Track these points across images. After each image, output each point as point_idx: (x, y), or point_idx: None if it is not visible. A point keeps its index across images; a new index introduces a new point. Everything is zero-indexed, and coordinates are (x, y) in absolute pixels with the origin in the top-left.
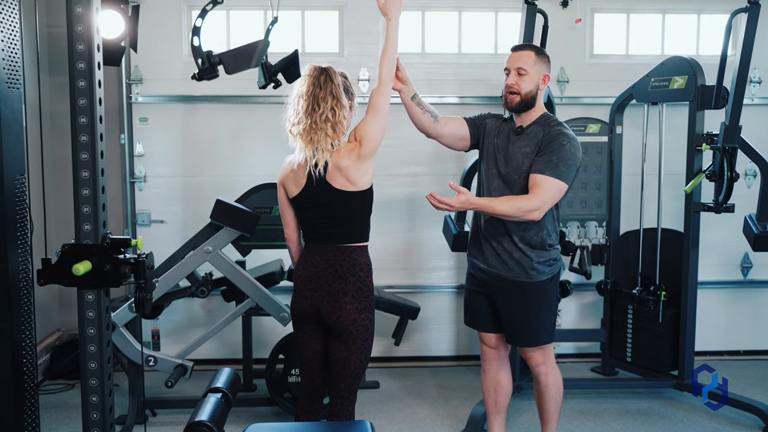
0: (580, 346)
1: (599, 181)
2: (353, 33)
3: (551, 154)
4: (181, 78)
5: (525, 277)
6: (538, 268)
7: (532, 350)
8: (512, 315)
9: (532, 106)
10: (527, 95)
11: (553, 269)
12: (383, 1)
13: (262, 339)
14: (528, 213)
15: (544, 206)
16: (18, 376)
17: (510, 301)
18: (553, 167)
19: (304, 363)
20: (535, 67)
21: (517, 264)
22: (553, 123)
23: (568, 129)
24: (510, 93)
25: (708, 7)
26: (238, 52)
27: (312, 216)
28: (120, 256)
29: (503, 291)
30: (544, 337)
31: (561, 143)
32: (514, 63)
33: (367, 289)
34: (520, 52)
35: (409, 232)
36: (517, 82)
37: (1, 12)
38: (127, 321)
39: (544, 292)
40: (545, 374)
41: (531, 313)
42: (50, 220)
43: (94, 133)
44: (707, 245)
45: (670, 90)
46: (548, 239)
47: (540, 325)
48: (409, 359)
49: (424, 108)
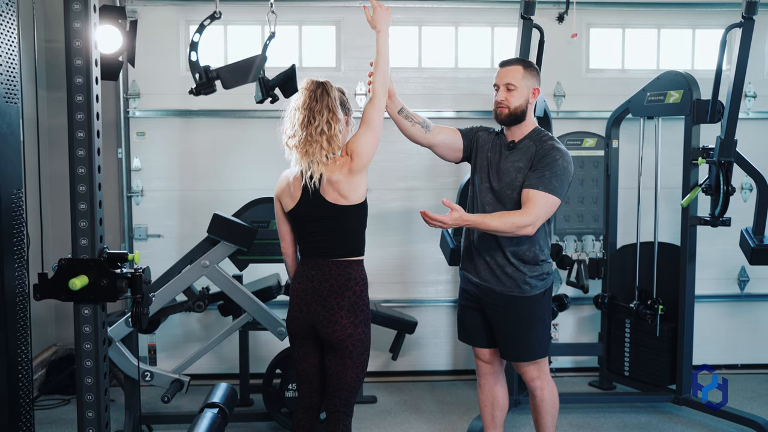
0: (577, 360)
1: (596, 195)
2: (350, 48)
3: (544, 169)
4: (179, 92)
5: (518, 291)
6: (531, 282)
7: (526, 365)
8: (505, 329)
9: (522, 120)
10: (516, 109)
11: (545, 283)
12: (371, 14)
13: (259, 354)
14: (521, 228)
15: (537, 221)
16: (13, 391)
17: (503, 316)
18: (546, 182)
19: (300, 378)
20: (524, 82)
21: (510, 278)
22: (545, 138)
23: (560, 144)
24: (499, 107)
25: (703, 22)
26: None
27: (307, 230)
28: (117, 270)
29: (496, 305)
30: (537, 351)
31: (554, 158)
32: (503, 78)
33: (363, 303)
34: (509, 68)
35: (406, 245)
36: (506, 98)
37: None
38: (123, 336)
39: (537, 306)
40: (540, 388)
41: (524, 328)
42: (47, 235)
43: (92, 148)
44: (704, 259)
45: (665, 104)
46: (540, 254)
47: (533, 340)
48: (406, 374)
49: (413, 120)
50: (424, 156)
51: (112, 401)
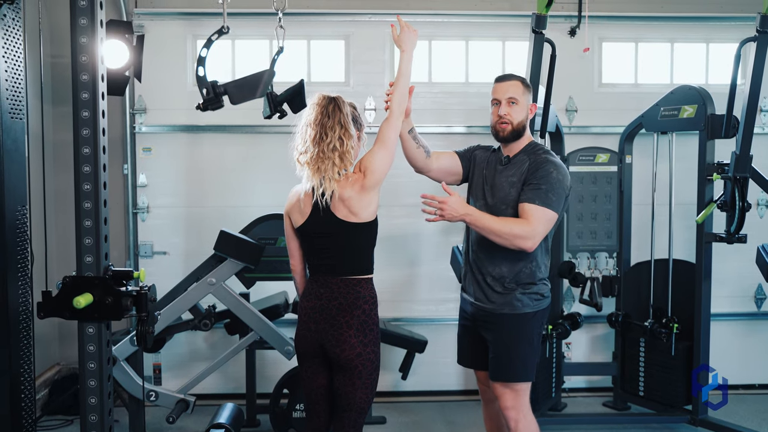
0: (591, 380)
1: (609, 212)
2: (359, 62)
3: (539, 182)
4: (186, 108)
5: (508, 309)
6: (522, 299)
7: (502, 388)
8: (492, 347)
9: (522, 136)
10: (519, 125)
11: (538, 304)
12: (398, 33)
13: (266, 373)
14: (518, 239)
15: (537, 237)
16: (16, 412)
17: (492, 333)
18: (543, 196)
19: (308, 398)
20: (524, 97)
21: (501, 296)
22: (539, 151)
23: (554, 156)
24: (501, 123)
25: (717, 36)
26: (243, 82)
27: (316, 247)
28: (122, 288)
29: (487, 324)
30: (518, 371)
31: (548, 171)
32: (504, 93)
33: (372, 322)
34: (509, 82)
35: (415, 262)
36: (509, 112)
37: (6, 42)
38: (128, 355)
39: (526, 325)
40: (515, 420)
41: (508, 344)
42: (51, 252)
43: (97, 164)
44: (720, 276)
45: (679, 119)
46: (538, 272)
47: (516, 358)
48: (416, 394)
49: (419, 143)
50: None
51: (116, 422)
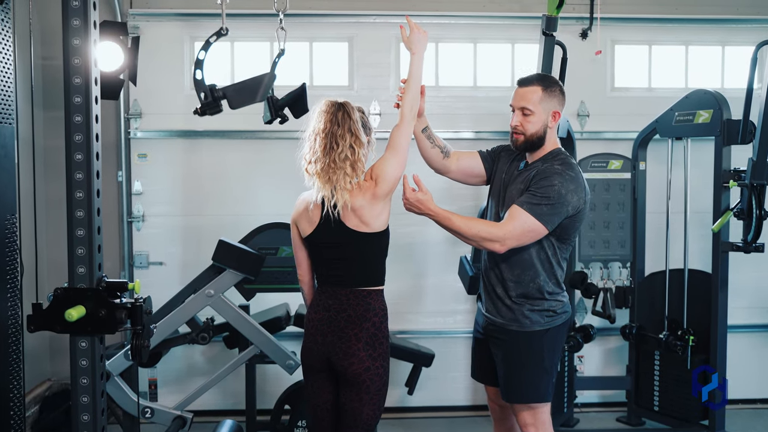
0: (604, 395)
1: (622, 220)
2: (363, 65)
3: (537, 189)
4: (183, 112)
5: (516, 325)
6: (531, 316)
7: (519, 407)
8: (500, 365)
9: (541, 146)
10: (533, 136)
11: (550, 321)
12: (408, 34)
13: (266, 388)
14: (486, 241)
15: (508, 241)
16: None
17: (500, 350)
18: (534, 204)
19: (313, 414)
20: (541, 105)
21: (509, 310)
22: (557, 161)
23: (571, 170)
24: (514, 133)
25: (733, 39)
26: (242, 86)
27: (325, 257)
28: (116, 300)
29: (496, 338)
30: (529, 394)
31: (551, 182)
32: (519, 101)
33: (382, 335)
34: (526, 89)
35: (423, 273)
36: (521, 123)
37: None
38: (122, 370)
39: (536, 344)
40: None
41: (518, 365)
42: (42, 263)
43: (90, 171)
44: (737, 287)
45: (694, 124)
46: (546, 286)
47: (526, 380)
48: (423, 409)
49: (434, 142)
50: (443, 179)
51: None
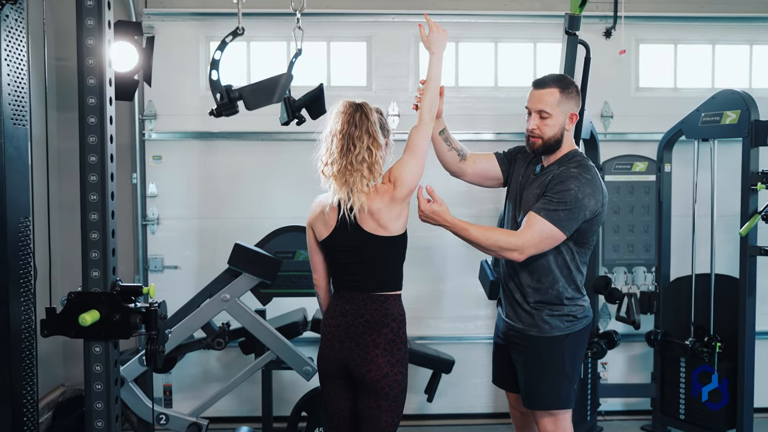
0: (628, 403)
1: (647, 224)
2: (382, 65)
3: (553, 194)
4: (198, 113)
5: (536, 330)
6: (551, 321)
7: (541, 414)
8: (521, 371)
9: (558, 149)
10: (551, 139)
11: (570, 326)
12: (427, 34)
13: (283, 395)
14: (504, 251)
15: (527, 249)
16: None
17: (521, 355)
18: (551, 210)
19: (330, 421)
20: (559, 108)
21: (529, 315)
22: (573, 163)
23: (588, 172)
24: (531, 137)
25: (761, 38)
26: (259, 87)
27: (341, 261)
28: (130, 304)
29: (516, 344)
30: (551, 400)
31: (567, 187)
32: (536, 104)
33: (400, 341)
34: (543, 90)
35: (442, 278)
36: (538, 127)
37: (8, 44)
38: (137, 375)
39: (557, 349)
40: None
41: (539, 371)
42: (56, 266)
43: (105, 173)
44: (765, 292)
45: (721, 125)
46: (565, 292)
47: (548, 386)
48: (442, 417)
49: (451, 144)
50: (462, 181)
51: None
